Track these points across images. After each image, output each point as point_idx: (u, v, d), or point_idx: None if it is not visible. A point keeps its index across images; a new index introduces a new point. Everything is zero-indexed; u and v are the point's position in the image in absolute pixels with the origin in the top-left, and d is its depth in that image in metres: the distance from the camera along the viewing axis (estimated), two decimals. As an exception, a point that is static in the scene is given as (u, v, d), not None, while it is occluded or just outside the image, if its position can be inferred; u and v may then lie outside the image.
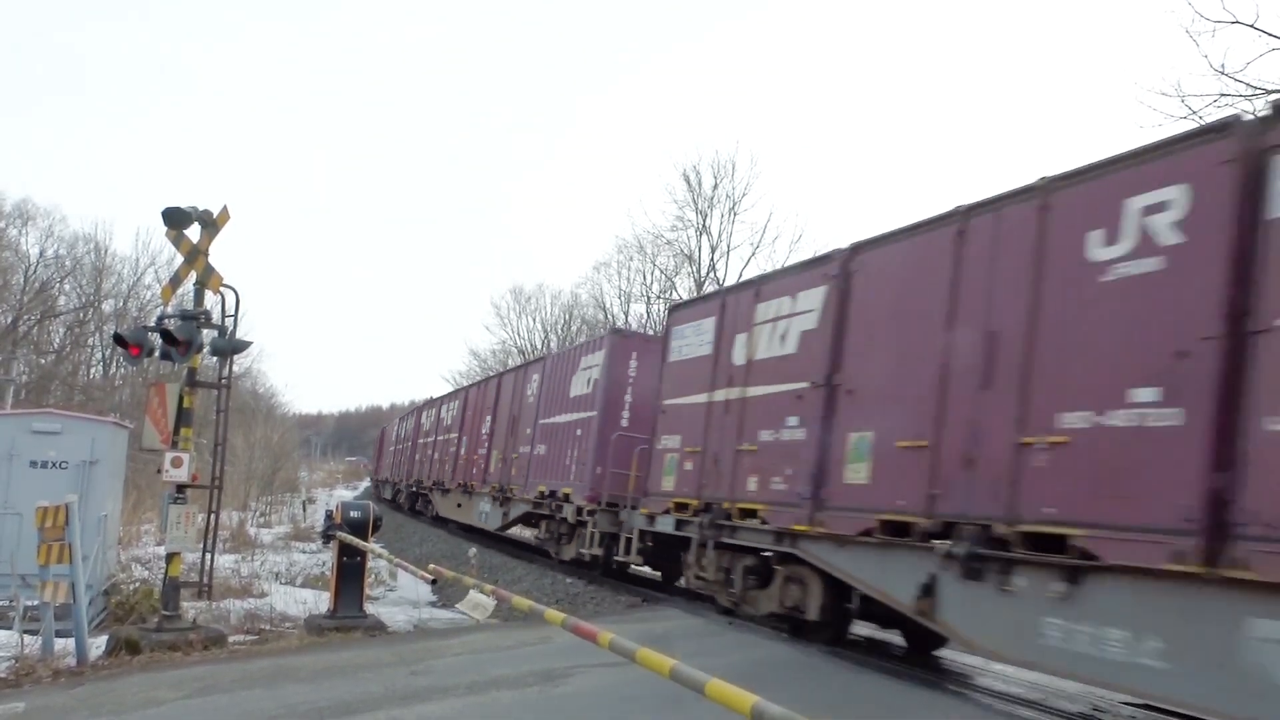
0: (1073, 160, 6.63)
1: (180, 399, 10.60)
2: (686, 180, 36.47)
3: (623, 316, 40.54)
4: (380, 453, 48.56)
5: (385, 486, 42.28)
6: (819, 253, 10.12)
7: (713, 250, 36.32)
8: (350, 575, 11.95)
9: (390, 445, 42.80)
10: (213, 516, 11.25)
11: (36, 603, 9.75)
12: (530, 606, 6.09)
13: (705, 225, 36.45)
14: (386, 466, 42.89)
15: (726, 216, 35.98)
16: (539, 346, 49.91)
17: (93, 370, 47.86)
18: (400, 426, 40.20)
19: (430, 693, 7.13)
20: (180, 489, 10.50)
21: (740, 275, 35.30)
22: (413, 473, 32.70)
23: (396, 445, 39.75)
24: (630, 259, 41.05)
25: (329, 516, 12.86)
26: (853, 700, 7.13)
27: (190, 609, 11.86)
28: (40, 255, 44.46)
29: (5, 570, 11.76)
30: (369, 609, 12.52)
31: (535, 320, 53.83)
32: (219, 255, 15.25)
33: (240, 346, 11.12)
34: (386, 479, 42.18)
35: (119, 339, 10.86)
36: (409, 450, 34.60)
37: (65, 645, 9.35)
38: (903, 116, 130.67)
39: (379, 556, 11.93)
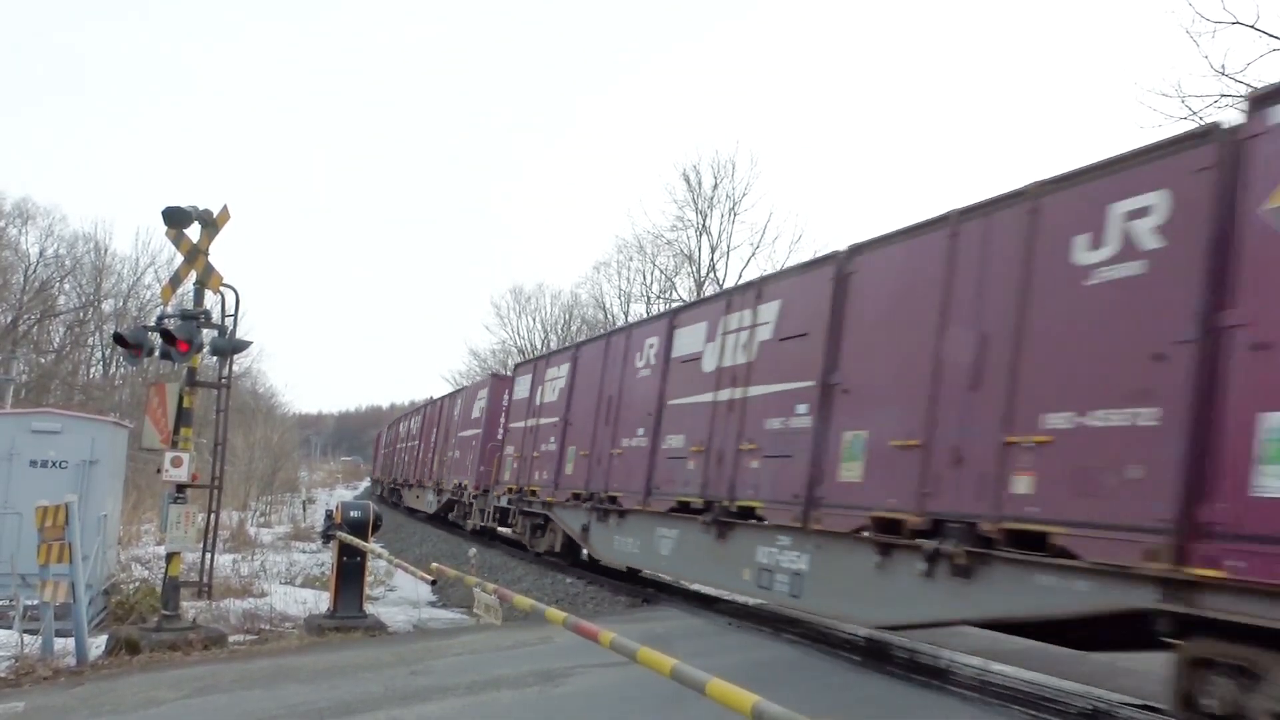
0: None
1: (180, 399, 10.60)
2: (686, 180, 36.57)
3: (623, 316, 40.59)
4: (376, 454, 54.13)
5: (377, 485, 48.43)
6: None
7: (713, 250, 36.39)
8: (350, 575, 11.95)
9: (381, 449, 49.02)
10: (213, 516, 11.25)
11: (36, 602, 9.75)
12: (532, 606, 6.09)
13: (705, 225, 36.54)
14: (379, 467, 49.08)
15: (726, 216, 36.08)
16: (539, 346, 49.95)
17: (93, 370, 47.92)
18: (388, 433, 46.22)
19: (430, 693, 7.13)
20: (180, 489, 10.50)
21: (740, 276, 35.38)
22: (391, 471, 40.04)
23: (385, 449, 46.05)
24: (630, 259, 41.18)
25: (329, 516, 12.87)
26: (853, 700, 7.13)
27: (190, 609, 11.86)
28: (40, 255, 44.56)
29: (5, 570, 11.76)
30: (369, 609, 12.52)
31: (535, 320, 53.95)
32: (219, 255, 15.24)
33: (240, 346, 11.12)
34: (379, 478, 48.45)
35: (119, 339, 10.86)
36: (390, 454, 41.55)
37: (65, 645, 9.35)
38: (903, 116, 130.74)
39: (379, 556, 11.93)
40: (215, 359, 11.50)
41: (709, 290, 35.55)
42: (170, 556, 10.62)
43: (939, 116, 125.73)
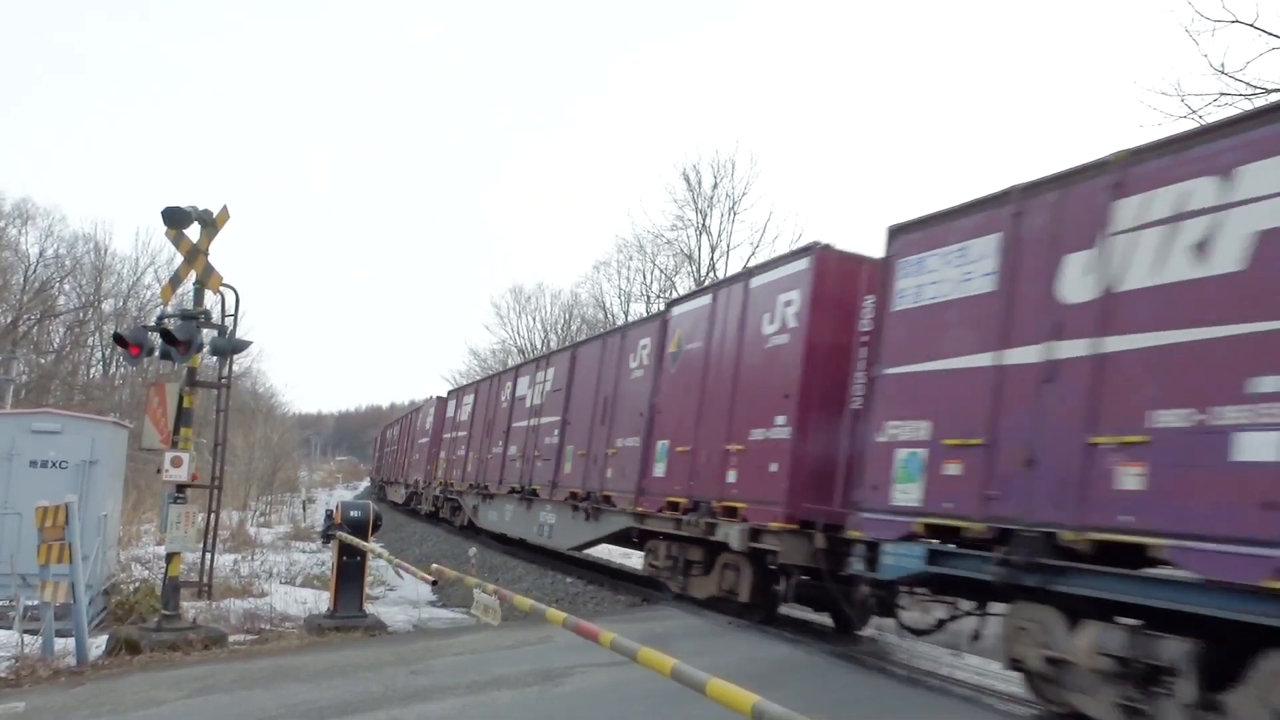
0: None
1: (180, 399, 10.60)
2: (686, 180, 36.54)
3: (623, 316, 40.57)
4: (375, 455, 59.11)
5: (376, 485, 53.44)
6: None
7: (713, 250, 36.38)
8: (350, 575, 11.95)
9: (376, 451, 55.89)
10: (213, 516, 11.25)
11: (36, 602, 9.75)
12: (532, 606, 6.08)
13: (705, 225, 36.51)
14: (375, 467, 55.36)
15: (726, 216, 36.04)
16: (539, 346, 49.97)
17: (93, 370, 47.91)
18: (383, 436, 52.60)
19: (430, 692, 7.13)
20: (180, 489, 10.50)
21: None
22: (381, 471, 47.97)
23: (378, 451, 53.53)
24: (630, 258, 41.18)
25: (329, 516, 12.87)
26: (853, 700, 7.13)
27: (190, 609, 11.86)
28: (40, 255, 44.53)
29: (5, 570, 11.76)
30: (369, 609, 12.52)
31: (535, 320, 53.99)
32: (219, 255, 15.23)
33: (240, 346, 11.12)
34: (374, 477, 55.53)
35: (119, 339, 10.85)
36: (381, 455, 50.08)
37: (65, 645, 9.35)
38: (903, 115, 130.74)
39: (379, 556, 11.93)
40: (215, 359, 11.50)
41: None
42: (170, 556, 10.62)
43: (939, 115, 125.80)
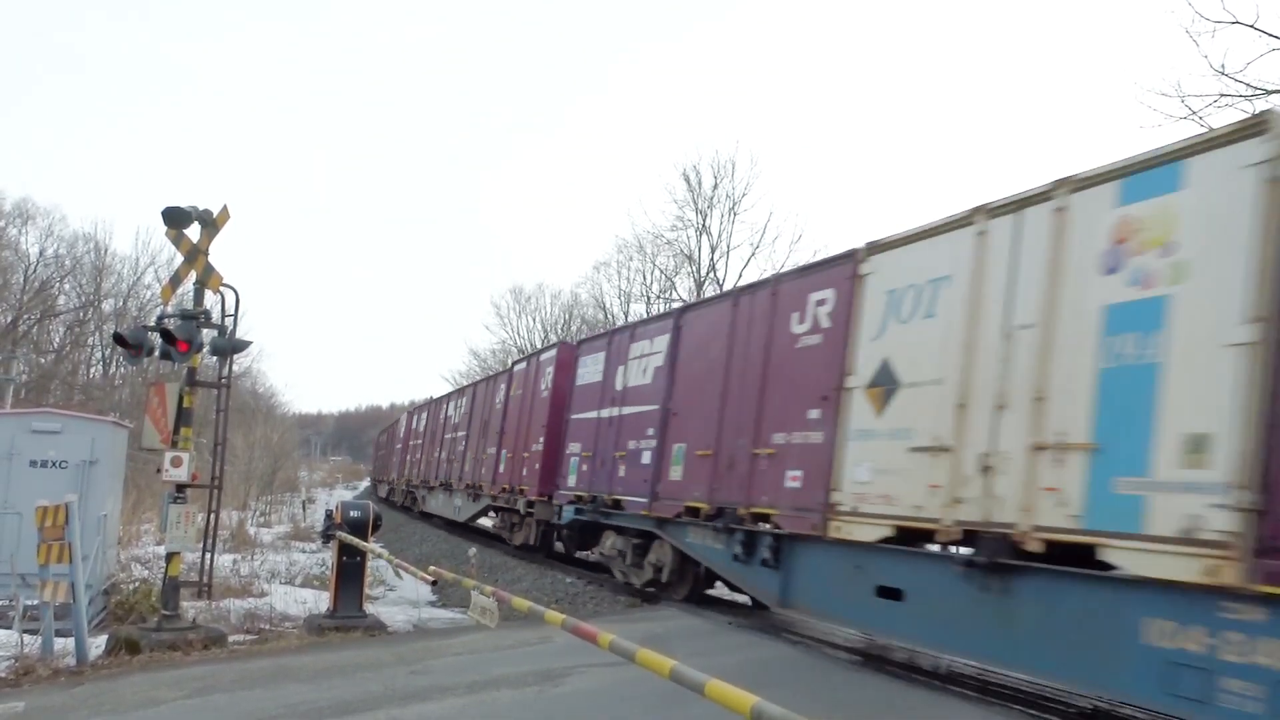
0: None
1: (180, 399, 10.60)
2: (686, 180, 36.50)
3: (623, 316, 40.57)
4: (374, 456, 63.05)
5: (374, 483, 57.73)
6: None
7: (713, 250, 36.34)
8: (350, 575, 11.94)
9: (374, 452, 62.34)
10: (213, 516, 11.25)
11: (36, 602, 9.75)
12: (530, 607, 6.08)
13: (705, 225, 36.46)
14: (374, 467, 60.53)
15: (726, 216, 35.99)
16: (539, 346, 49.93)
17: (93, 370, 47.95)
18: (376, 440, 60.29)
19: (430, 692, 7.13)
20: (180, 489, 10.49)
21: (740, 276, 35.38)
22: (375, 470, 56.10)
23: (376, 452, 59.33)
24: (630, 259, 41.14)
25: (329, 516, 12.86)
26: (853, 700, 7.13)
27: (190, 609, 11.86)
28: (40, 255, 44.58)
29: (5, 570, 11.76)
30: (369, 609, 12.51)
31: (535, 320, 53.95)
32: (219, 255, 15.25)
33: (240, 346, 11.12)
34: (373, 477, 59.92)
35: (119, 338, 10.85)
36: (376, 457, 57.65)
37: (65, 645, 9.35)
38: (903, 115, 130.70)
39: (379, 556, 11.93)
40: (215, 359, 11.50)
41: (709, 291, 35.55)
42: (170, 556, 10.62)
43: (939, 115, 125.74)
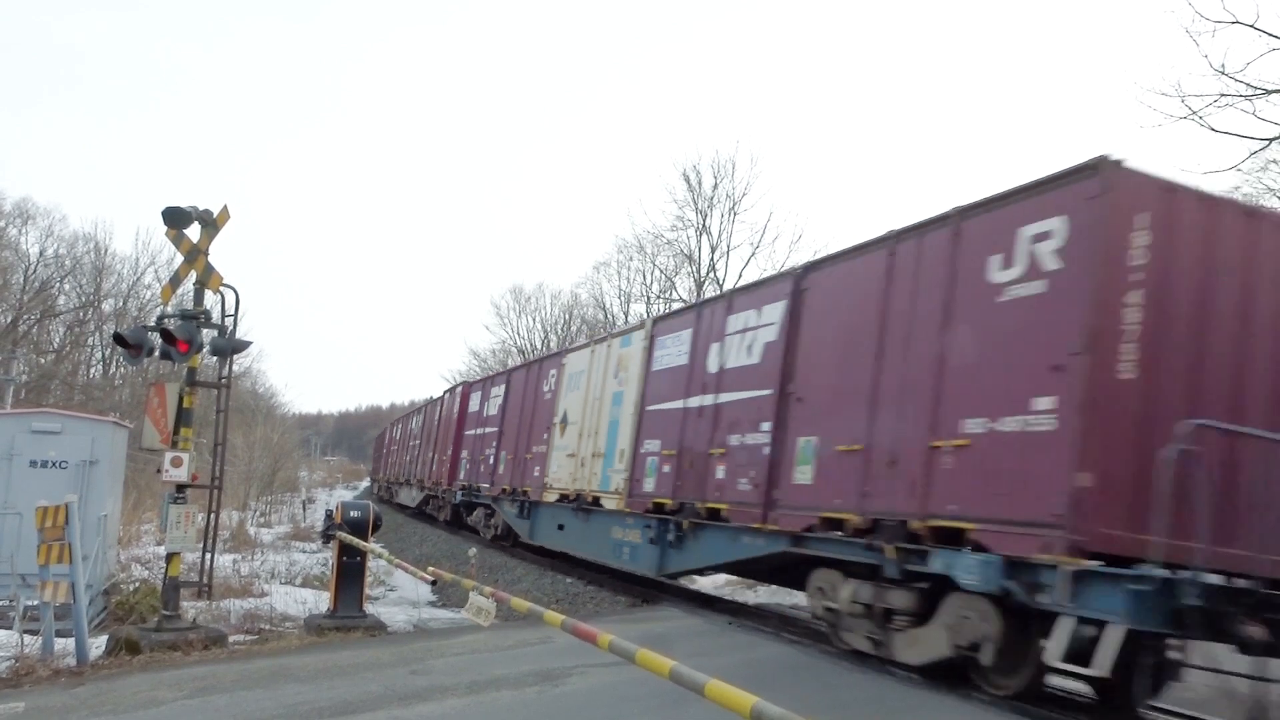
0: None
1: (180, 399, 10.59)
2: (686, 180, 36.53)
3: (623, 316, 40.59)
4: (373, 457, 64.78)
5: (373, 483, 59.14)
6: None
7: (713, 250, 36.37)
8: (350, 575, 11.93)
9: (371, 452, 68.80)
10: (213, 516, 11.25)
11: (36, 602, 9.75)
12: (529, 608, 6.08)
13: (705, 225, 36.50)
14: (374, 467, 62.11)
15: (726, 216, 36.03)
16: (539, 346, 49.96)
17: (93, 370, 47.92)
18: (380, 437, 59.46)
19: (430, 692, 7.13)
20: (180, 489, 10.49)
21: (740, 276, 35.37)
22: (375, 470, 56.74)
23: (375, 453, 60.73)
24: (630, 259, 41.18)
25: (329, 516, 12.86)
26: (853, 700, 7.13)
27: (190, 609, 11.86)
28: (40, 255, 44.54)
29: (5, 570, 11.76)
30: (369, 609, 12.50)
31: (535, 320, 54.01)
32: (219, 255, 15.22)
33: (240, 346, 11.12)
34: (373, 476, 60.77)
35: (119, 339, 10.85)
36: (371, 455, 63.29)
37: (65, 645, 9.34)
38: (903, 115, 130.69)
39: (379, 556, 11.92)
40: (215, 359, 11.49)
41: (709, 291, 35.55)
42: (170, 557, 10.62)
43: (939, 114, 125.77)
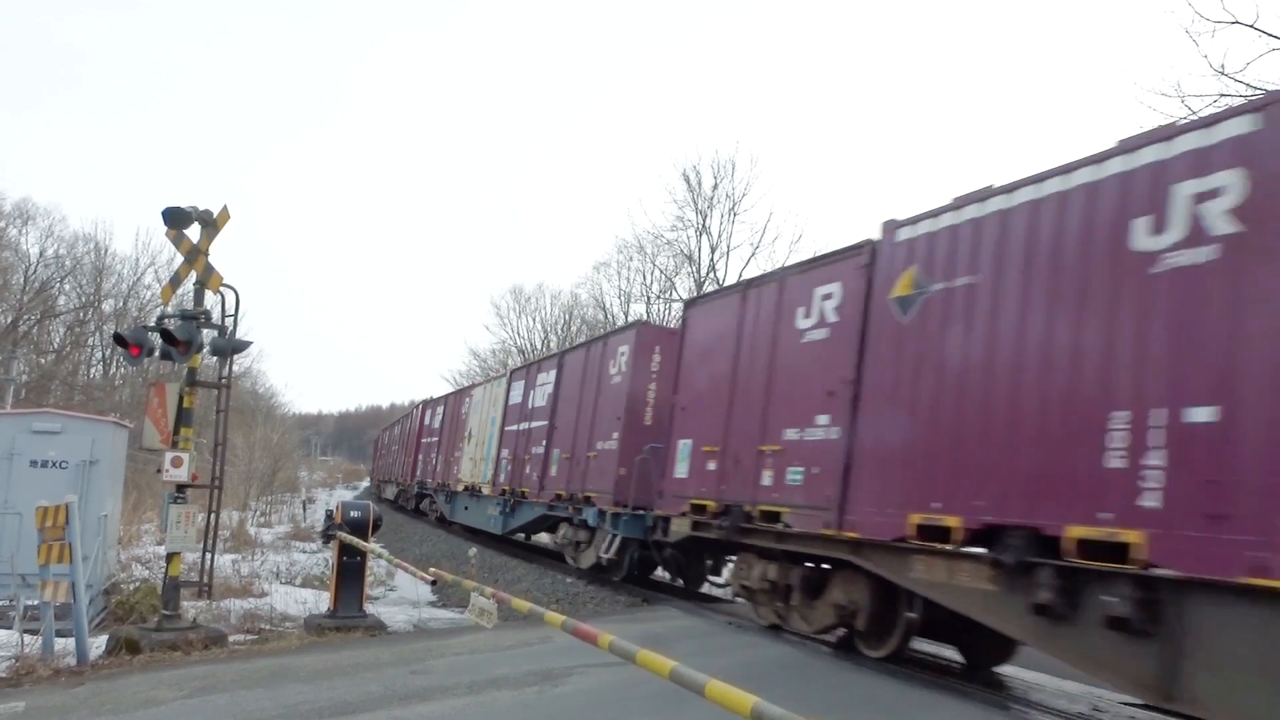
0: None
1: (180, 399, 10.60)
2: (686, 180, 36.49)
3: (623, 316, 40.53)
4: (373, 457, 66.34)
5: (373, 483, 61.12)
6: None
7: (713, 250, 36.32)
8: (350, 575, 11.94)
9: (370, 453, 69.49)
10: (213, 516, 11.25)
11: (36, 602, 9.75)
12: (530, 608, 6.08)
13: (705, 225, 36.45)
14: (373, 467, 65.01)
15: (726, 216, 35.98)
16: (539, 346, 49.95)
17: (93, 370, 47.88)
18: (376, 440, 61.41)
19: (430, 692, 7.13)
20: (180, 489, 10.49)
21: (740, 275, 35.33)
22: (374, 470, 56.96)
23: (374, 453, 61.83)
24: (630, 259, 41.13)
25: (329, 516, 12.86)
26: (853, 701, 7.13)
27: (190, 609, 11.86)
28: (40, 255, 44.51)
29: (5, 570, 11.76)
30: (369, 609, 12.51)
31: (535, 320, 53.92)
32: (219, 255, 15.25)
33: (240, 346, 11.11)
34: (372, 476, 63.12)
35: (119, 339, 10.85)
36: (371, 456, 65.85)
37: (65, 645, 9.34)
38: (903, 115, 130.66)
39: (379, 557, 11.92)
40: (215, 359, 11.49)
41: (708, 289, 35.53)
42: (170, 556, 10.62)
43: (939, 114, 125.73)
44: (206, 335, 10.85)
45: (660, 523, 11.93)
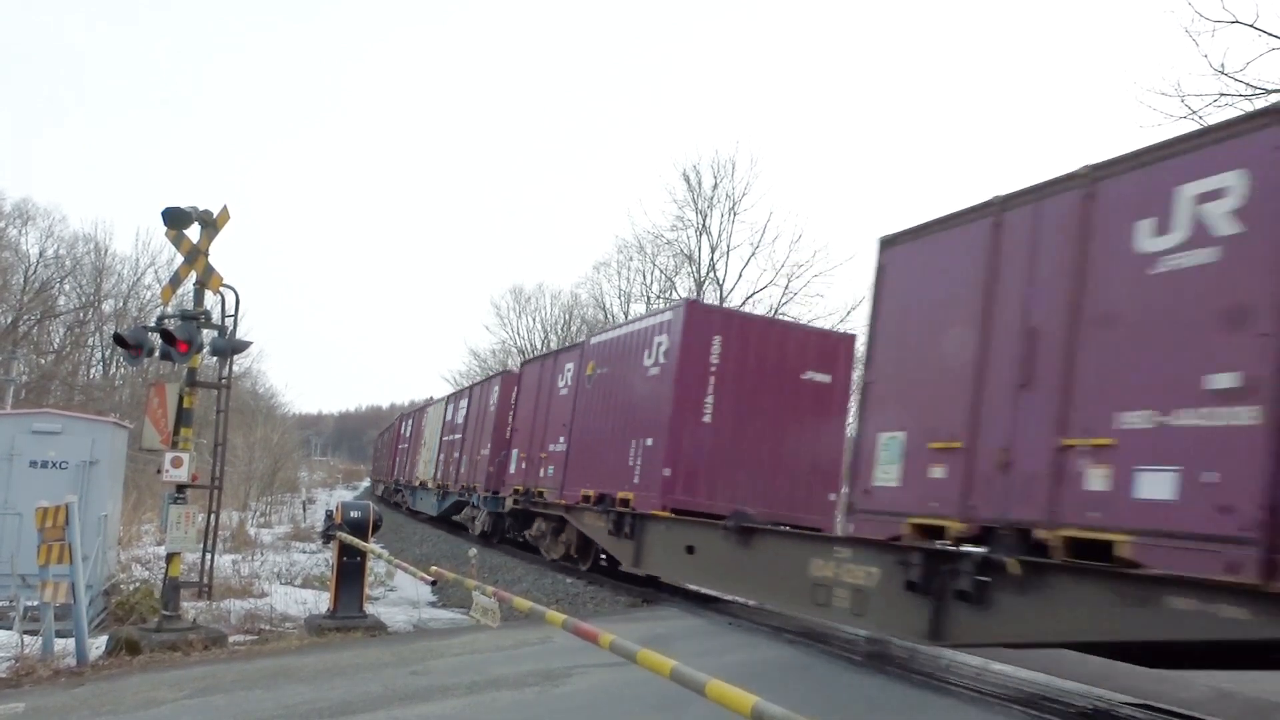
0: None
1: (180, 399, 10.60)
2: (686, 180, 36.51)
3: (622, 316, 40.53)
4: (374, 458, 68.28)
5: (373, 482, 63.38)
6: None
7: (713, 250, 36.35)
8: (350, 575, 11.94)
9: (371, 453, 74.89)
10: (213, 516, 11.25)
11: (36, 603, 9.75)
12: (530, 608, 6.08)
13: (705, 225, 36.48)
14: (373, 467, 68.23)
15: (726, 216, 36.00)
16: (539, 346, 49.94)
17: (93, 370, 47.91)
18: (375, 441, 66.66)
19: (430, 693, 7.13)
20: (180, 489, 10.50)
21: (740, 276, 35.40)
22: (374, 471, 60.98)
23: (374, 454, 65.40)
24: (630, 259, 41.17)
25: (329, 516, 12.86)
26: (853, 701, 7.13)
27: (190, 609, 11.87)
28: (40, 255, 44.53)
29: (5, 570, 11.76)
30: (369, 609, 12.51)
31: (535, 320, 53.99)
32: (219, 255, 15.22)
33: (240, 346, 11.12)
34: (372, 476, 65.92)
35: (119, 339, 10.85)
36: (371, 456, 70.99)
37: (65, 645, 9.35)
38: (903, 114, 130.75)
39: (379, 557, 11.93)
40: (215, 359, 11.49)
41: (709, 290, 35.57)
42: (170, 557, 10.62)
43: (939, 114, 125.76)
44: (206, 335, 10.85)
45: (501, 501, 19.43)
